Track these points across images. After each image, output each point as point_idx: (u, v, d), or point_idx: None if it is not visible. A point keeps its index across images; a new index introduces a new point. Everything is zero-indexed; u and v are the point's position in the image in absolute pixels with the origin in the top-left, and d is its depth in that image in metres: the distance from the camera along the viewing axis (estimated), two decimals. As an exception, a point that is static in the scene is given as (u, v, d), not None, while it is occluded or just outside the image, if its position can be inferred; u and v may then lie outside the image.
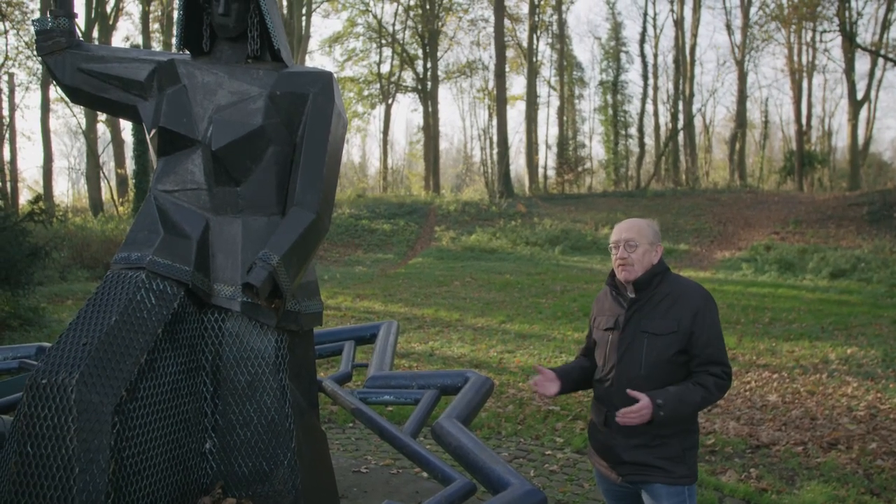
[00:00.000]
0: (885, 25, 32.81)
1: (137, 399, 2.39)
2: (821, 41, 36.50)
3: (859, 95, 33.83)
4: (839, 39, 32.12)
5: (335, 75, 2.91)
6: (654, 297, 2.66)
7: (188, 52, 2.98)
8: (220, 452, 2.70)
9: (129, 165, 27.30)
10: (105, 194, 29.96)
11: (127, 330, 2.42)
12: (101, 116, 29.79)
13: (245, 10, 2.83)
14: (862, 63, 34.62)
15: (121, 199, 27.86)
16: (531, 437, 5.84)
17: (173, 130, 2.75)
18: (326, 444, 3.12)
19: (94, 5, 28.34)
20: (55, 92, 29.28)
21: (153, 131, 2.81)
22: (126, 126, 27.95)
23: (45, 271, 13.99)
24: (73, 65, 2.91)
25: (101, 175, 29.75)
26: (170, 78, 2.84)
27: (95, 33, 28.42)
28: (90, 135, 29.51)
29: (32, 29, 2.94)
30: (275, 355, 2.72)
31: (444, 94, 79.90)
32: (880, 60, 33.66)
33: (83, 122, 29.90)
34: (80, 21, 27.68)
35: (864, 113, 35.41)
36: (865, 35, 34.69)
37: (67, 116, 55.28)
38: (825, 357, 8.91)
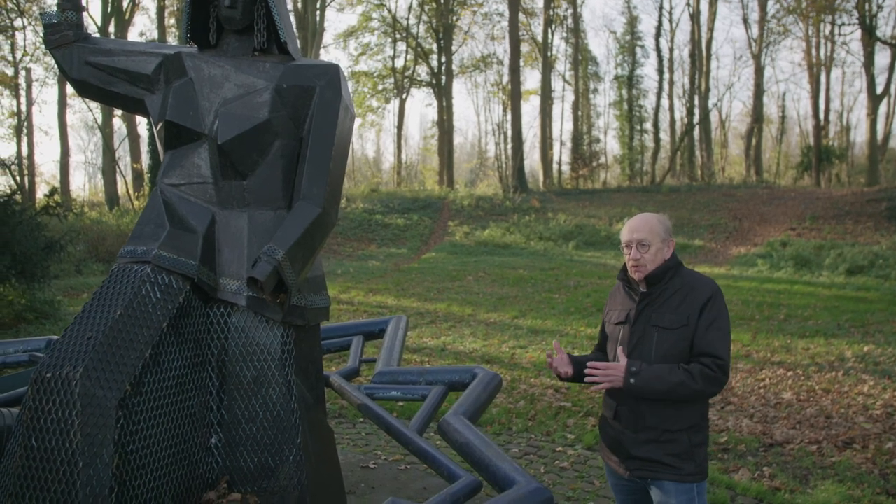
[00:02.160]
0: (906, 18, 32.32)
1: (142, 393, 2.38)
2: (839, 34, 36.01)
3: (879, 89, 33.40)
4: (858, 33, 31.72)
5: (345, 69, 2.88)
6: (665, 291, 2.64)
7: (195, 45, 2.97)
8: (226, 447, 2.69)
9: (145, 160, 27.47)
10: (121, 188, 30.17)
11: (132, 324, 2.41)
12: (117, 111, 29.99)
13: (251, 3, 2.81)
14: (882, 57, 34.26)
15: (136, 194, 28.04)
16: (542, 434, 5.81)
17: (179, 124, 2.73)
18: (333, 439, 3.11)
19: (109, 0, 28.49)
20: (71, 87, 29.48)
21: (160, 125, 2.79)
22: (142, 121, 28.13)
23: (60, 265, 14.13)
24: (80, 58, 2.91)
25: (117, 169, 29.95)
26: (176, 71, 2.82)
27: (112, 28, 28.56)
28: (106, 129, 29.71)
29: (41, 22, 2.93)
30: (281, 350, 2.71)
31: (459, 88, 79.72)
32: (900, 54, 33.17)
33: (99, 116, 30.12)
34: (97, 16, 27.87)
35: (883, 107, 34.99)
36: (886, 28, 34.26)
37: (84, 111, 55.80)
38: (841, 355, 8.81)
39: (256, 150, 2.73)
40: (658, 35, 40.37)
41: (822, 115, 35.80)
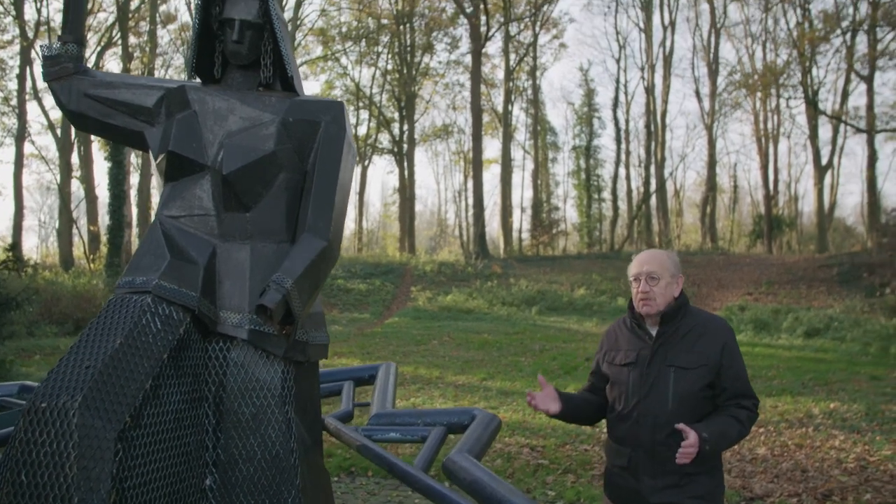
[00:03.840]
0: (845, 94, 34.20)
1: (141, 427, 2.26)
2: (787, 107, 37.83)
3: (823, 161, 34.95)
4: (804, 106, 33.35)
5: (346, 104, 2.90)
6: (679, 329, 2.61)
7: (199, 80, 2.96)
8: (221, 489, 2.57)
9: (102, 222, 26.99)
10: (77, 250, 29.53)
11: (132, 354, 2.31)
12: (76, 172, 29.64)
13: (259, 38, 2.83)
14: (825, 130, 35.83)
15: (92, 256, 27.44)
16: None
17: (182, 155, 2.70)
18: (330, 483, 2.99)
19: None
20: (30, 146, 29.14)
21: (161, 156, 2.76)
22: (101, 182, 27.83)
23: (11, 326, 13.61)
24: (79, 90, 2.87)
25: (75, 230, 29.37)
26: (180, 103, 2.81)
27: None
28: (65, 189, 29.24)
29: (41, 54, 2.90)
30: (281, 386, 2.62)
31: (420, 156, 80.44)
32: (842, 127, 34.93)
33: (58, 177, 29.67)
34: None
35: (828, 178, 36.51)
36: (827, 103, 36.03)
37: (42, 172, 54.86)
38: (809, 411, 8.91)
39: (261, 183, 2.70)
40: (615, 107, 41.75)
41: (771, 185, 37.19)
